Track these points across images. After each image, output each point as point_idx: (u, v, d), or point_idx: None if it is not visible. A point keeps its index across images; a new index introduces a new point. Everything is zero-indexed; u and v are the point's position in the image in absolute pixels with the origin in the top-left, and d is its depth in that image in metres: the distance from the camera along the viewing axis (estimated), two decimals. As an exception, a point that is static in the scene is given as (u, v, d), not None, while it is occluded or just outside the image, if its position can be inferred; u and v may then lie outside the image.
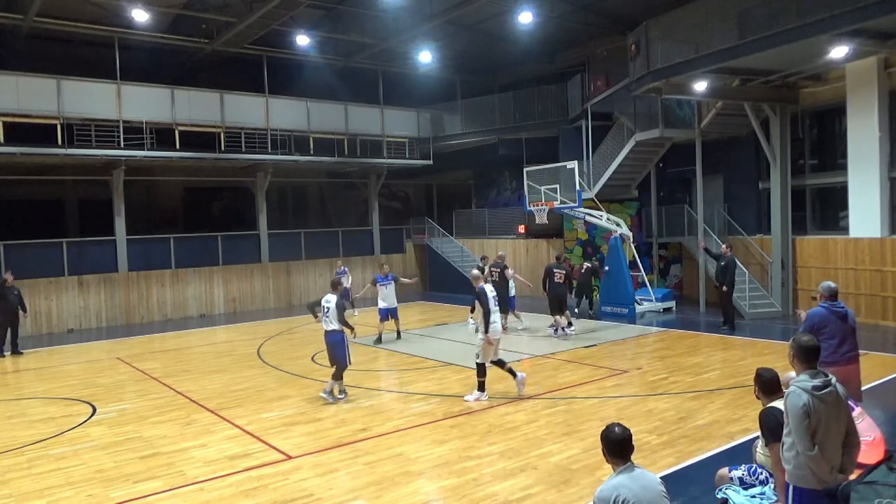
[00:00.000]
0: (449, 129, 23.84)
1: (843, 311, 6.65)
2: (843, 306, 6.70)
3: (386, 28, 19.37)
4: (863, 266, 14.29)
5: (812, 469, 3.78)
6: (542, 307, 15.53)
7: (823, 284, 6.85)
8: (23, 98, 16.43)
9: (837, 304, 6.68)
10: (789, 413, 3.86)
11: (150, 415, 8.98)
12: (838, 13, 11.12)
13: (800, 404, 3.79)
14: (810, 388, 3.83)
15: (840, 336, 6.56)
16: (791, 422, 3.85)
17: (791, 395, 3.87)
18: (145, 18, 16.65)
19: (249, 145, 19.84)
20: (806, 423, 3.77)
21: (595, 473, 6.13)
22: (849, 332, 6.63)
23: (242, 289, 21.02)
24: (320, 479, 6.41)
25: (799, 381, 3.92)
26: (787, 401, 3.89)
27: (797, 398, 3.82)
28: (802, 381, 3.90)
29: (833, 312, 6.60)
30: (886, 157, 14.09)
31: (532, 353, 12.31)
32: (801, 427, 3.78)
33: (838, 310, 6.62)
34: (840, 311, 6.63)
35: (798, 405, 3.80)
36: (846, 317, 6.64)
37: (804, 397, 3.80)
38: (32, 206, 20.40)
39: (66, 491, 6.35)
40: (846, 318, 6.63)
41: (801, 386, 3.86)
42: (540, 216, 17.65)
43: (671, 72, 14.10)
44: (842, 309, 6.65)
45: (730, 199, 18.29)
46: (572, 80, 21.17)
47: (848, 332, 6.62)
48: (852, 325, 6.68)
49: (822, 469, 3.78)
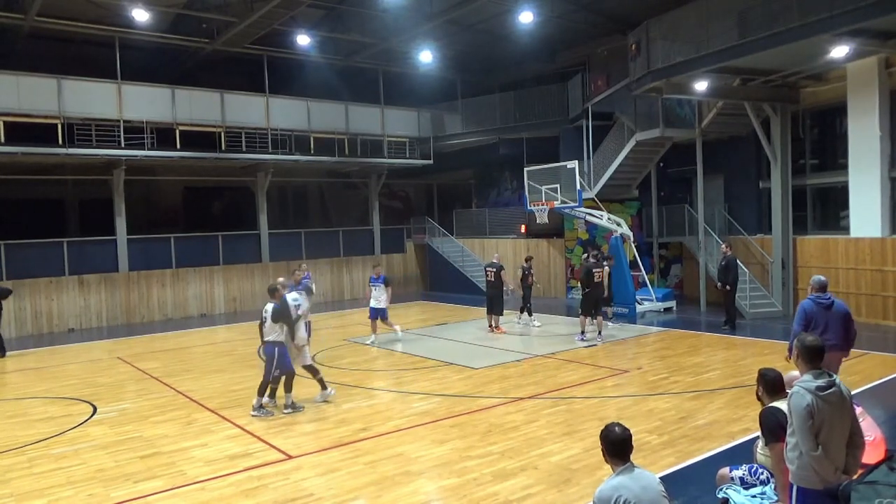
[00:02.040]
0: (449, 128, 23.84)
1: (829, 301, 7.14)
2: (828, 297, 7.18)
3: (386, 28, 19.36)
4: (863, 266, 14.28)
5: (816, 469, 3.77)
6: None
7: (814, 278, 7.40)
8: (23, 98, 16.43)
9: (823, 296, 7.17)
10: (793, 413, 3.85)
11: (151, 414, 8.98)
12: (839, 13, 11.11)
13: (803, 404, 3.78)
14: (814, 388, 3.82)
15: (823, 325, 7.05)
16: (794, 422, 3.84)
17: (795, 396, 3.85)
18: (146, 18, 16.66)
19: (250, 145, 19.85)
20: (809, 424, 3.76)
21: (595, 473, 6.13)
22: (833, 321, 7.08)
23: (243, 288, 21.02)
24: (321, 478, 6.41)
25: (803, 381, 3.90)
26: (791, 401, 3.88)
27: (801, 398, 3.81)
28: (806, 381, 3.89)
29: (818, 304, 7.13)
30: (887, 156, 14.08)
31: (532, 353, 12.31)
32: (804, 427, 3.77)
33: (823, 301, 7.14)
34: (824, 302, 7.13)
35: (801, 405, 3.79)
36: (831, 307, 7.12)
37: (808, 397, 3.79)
38: (33, 206, 20.40)
39: (66, 490, 6.35)
40: (830, 308, 7.12)
41: (804, 386, 3.85)
42: (540, 216, 17.65)
43: (671, 71, 14.10)
44: (827, 300, 7.14)
45: (730, 199, 18.29)
46: (573, 79, 21.16)
47: (832, 322, 7.08)
48: (838, 315, 7.13)
49: (826, 469, 3.77)
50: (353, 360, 12.25)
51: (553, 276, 21.16)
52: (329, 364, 11.93)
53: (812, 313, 7.13)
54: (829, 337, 6.97)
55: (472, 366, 11.34)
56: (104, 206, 18.88)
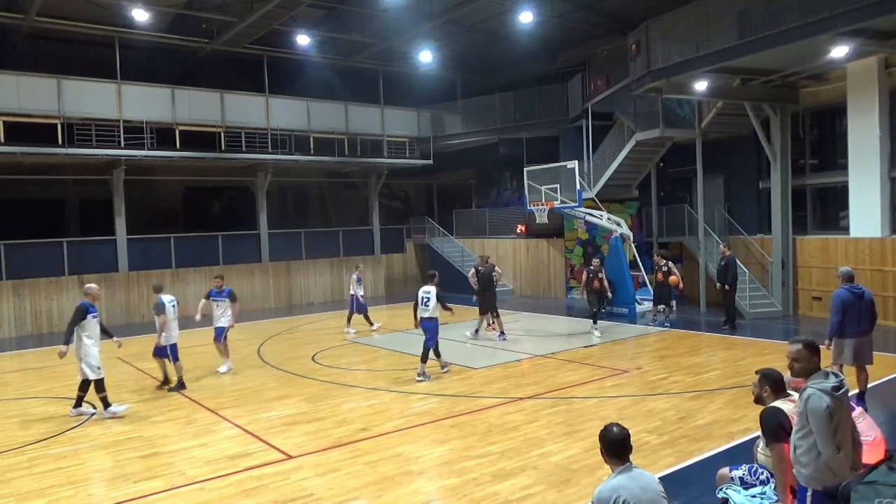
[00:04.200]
0: (449, 128, 23.84)
1: (860, 291, 7.81)
2: (860, 288, 7.85)
3: (386, 28, 19.36)
4: (863, 266, 14.26)
5: (834, 471, 3.73)
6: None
7: (842, 269, 8.03)
8: (23, 98, 16.43)
9: (855, 286, 7.82)
10: (812, 416, 3.75)
11: (151, 414, 8.99)
12: (839, 13, 11.12)
13: (823, 406, 3.72)
14: (829, 388, 3.76)
15: (857, 314, 7.72)
16: (815, 425, 3.75)
17: (813, 398, 3.77)
18: (145, 18, 16.66)
19: (250, 145, 19.85)
20: (830, 426, 3.70)
21: (595, 473, 6.12)
22: (864, 309, 7.77)
23: (243, 288, 20.97)
24: (320, 478, 6.41)
25: (816, 382, 3.83)
26: (809, 404, 3.78)
27: (820, 400, 3.73)
28: (819, 382, 3.82)
29: (853, 293, 7.76)
30: (887, 156, 14.09)
31: (532, 353, 12.31)
32: (825, 430, 3.70)
33: (856, 291, 7.78)
34: (858, 292, 7.80)
35: (821, 407, 3.72)
36: (863, 296, 7.78)
37: (826, 399, 3.72)
38: (33, 206, 20.38)
39: (66, 490, 6.35)
40: (863, 297, 7.78)
41: (820, 388, 3.77)
42: (540, 216, 17.65)
43: (671, 71, 14.10)
44: (860, 290, 7.81)
45: (730, 199, 18.28)
46: (573, 79, 21.16)
47: (863, 310, 7.77)
48: (869, 303, 7.82)
49: (845, 469, 3.73)
50: (352, 360, 12.25)
51: (553, 276, 21.16)
52: (329, 364, 11.94)
53: (849, 303, 7.69)
54: (864, 324, 7.71)
55: (471, 366, 11.35)
56: (104, 206, 18.88)
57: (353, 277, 15.69)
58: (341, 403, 9.16)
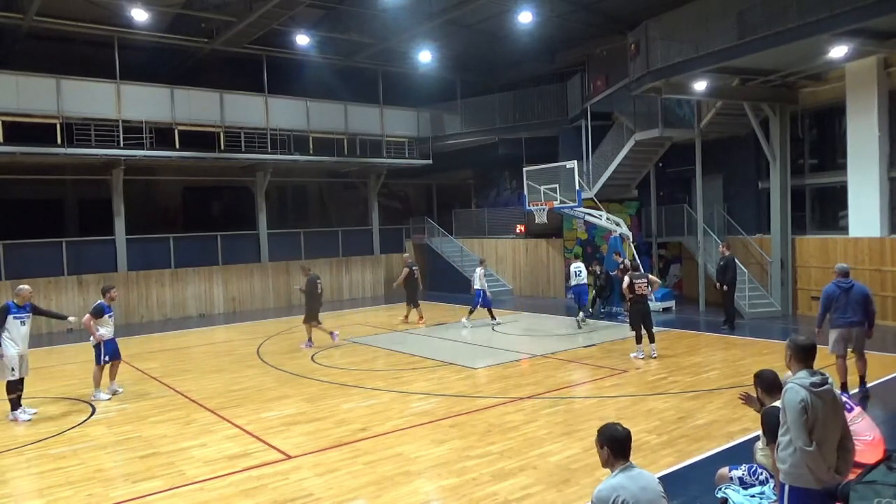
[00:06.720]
0: (449, 128, 23.83)
1: (849, 284, 8.33)
2: (849, 282, 8.38)
3: (386, 28, 19.36)
4: (862, 266, 14.27)
5: (810, 467, 3.77)
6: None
7: (838, 265, 8.65)
8: (23, 98, 16.42)
9: (844, 280, 8.37)
10: (787, 408, 3.86)
11: (150, 414, 8.98)
12: (838, 13, 11.11)
13: (797, 399, 3.80)
14: (808, 384, 3.84)
15: (844, 306, 8.31)
16: (789, 417, 3.84)
17: (789, 391, 3.87)
18: (145, 18, 16.64)
19: (249, 145, 19.84)
20: (804, 419, 3.77)
21: (595, 473, 6.12)
22: (852, 302, 8.27)
23: (242, 288, 21.02)
24: (320, 478, 6.41)
25: (797, 377, 3.93)
26: (785, 397, 3.89)
27: (795, 393, 3.83)
28: (800, 377, 3.91)
29: (839, 286, 8.35)
30: (886, 156, 14.09)
31: (532, 353, 12.31)
32: (798, 422, 3.78)
33: (843, 284, 8.34)
34: (845, 285, 8.34)
35: (796, 400, 3.80)
36: (850, 289, 8.30)
37: (802, 393, 3.81)
38: (32, 206, 20.36)
39: (65, 490, 6.35)
40: (850, 290, 8.30)
41: (798, 382, 3.87)
42: (540, 216, 17.65)
43: (671, 71, 14.10)
44: (847, 283, 8.34)
45: (729, 199, 18.28)
46: (572, 79, 21.15)
47: (851, 303, 8.28)
48: (858, 297, 8.28)
49: (820, 467, 3.77)
50: (352, 360, 12.25)
51: (552, 276, 21.17)
52: (328, 364, 11.94)
53: (833, 295, 8.35)
54: (851, 315, 8.28)
55: (471, 366, 11.35)
56: (103, 206, 18.86)
57: (480, 272, 15.84)
58: (341, 403, 9.16)
